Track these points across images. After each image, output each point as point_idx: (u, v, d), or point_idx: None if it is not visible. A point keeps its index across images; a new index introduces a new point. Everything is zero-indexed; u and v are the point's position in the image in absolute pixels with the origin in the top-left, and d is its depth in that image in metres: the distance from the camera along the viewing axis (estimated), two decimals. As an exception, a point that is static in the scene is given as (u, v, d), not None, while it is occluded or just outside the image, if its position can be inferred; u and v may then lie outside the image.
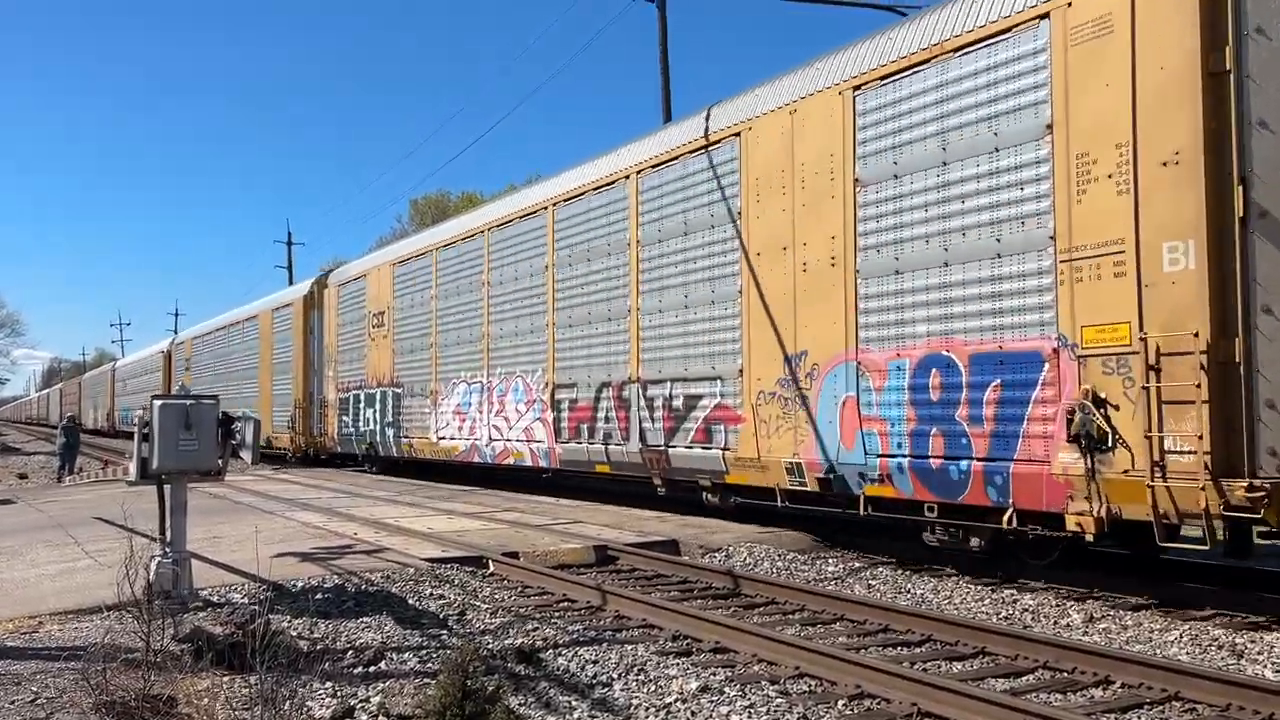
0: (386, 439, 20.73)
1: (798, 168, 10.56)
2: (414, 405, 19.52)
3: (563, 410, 14.65)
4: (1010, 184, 8.38)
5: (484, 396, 16.91)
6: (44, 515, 14.65)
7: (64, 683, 5.63)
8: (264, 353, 29.30)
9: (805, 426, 10.34)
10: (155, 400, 7.70)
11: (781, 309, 10.70)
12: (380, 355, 21.20)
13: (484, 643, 6.69)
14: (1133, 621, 7.42)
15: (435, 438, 18.57)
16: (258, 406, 29.11)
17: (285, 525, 12.44)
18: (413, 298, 20.07)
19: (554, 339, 14.97)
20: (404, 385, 20.00)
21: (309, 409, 25.56)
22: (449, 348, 18.35)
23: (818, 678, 5.90)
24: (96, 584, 8.13)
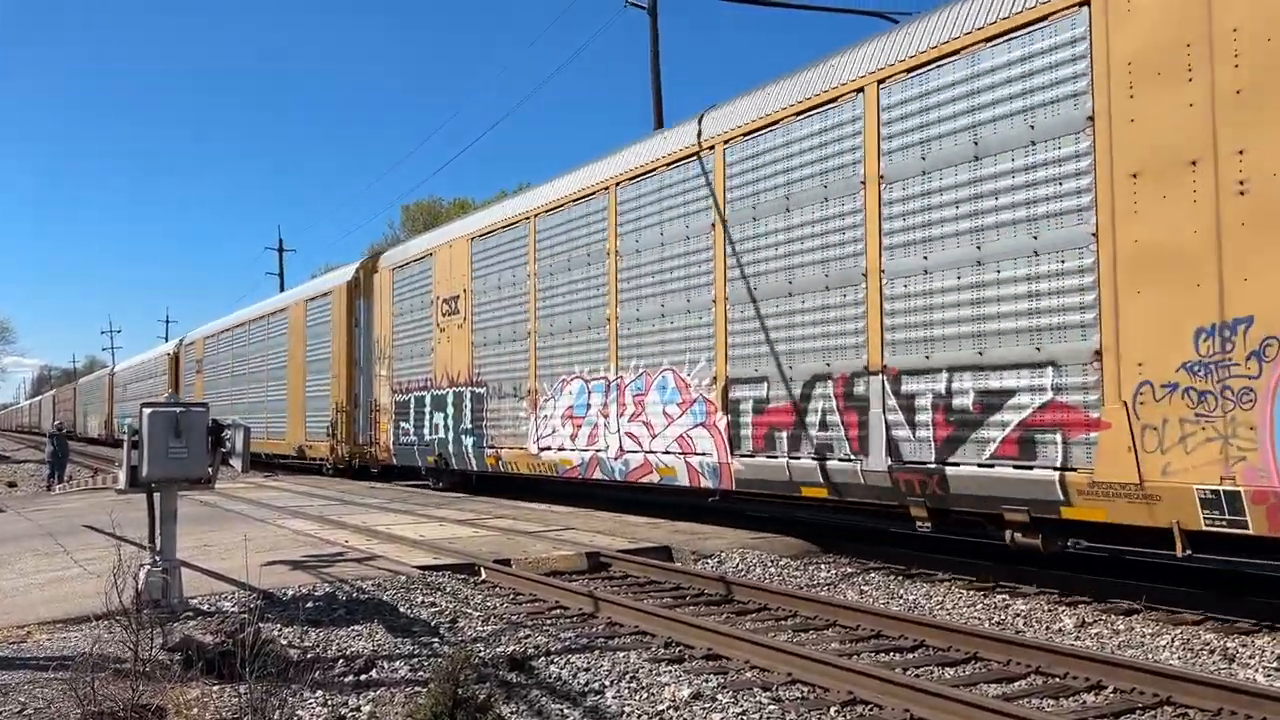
0: (463, 449, 17.44)
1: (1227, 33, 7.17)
2: (503, 409, 16.25)
3: (743, 413, 11.32)
4: None
5: (611, 396, 13.52)
6: (33, 524, 14.57)
7: (52, 693, 5.59)
8: (295, 350, 26.03)
9: (1248, 435, 6.93)
10: (145, 408, 7.66)
11: (1189, 257, 7.27)
12: (454, 348, 17.91)
13: (476, 650, 6.65)
14: (1124, 626, 7.43)
15: (535, 448, 15.17)
16: (287, 411, 26.58)
17: (276, 533, 12.39)
18: (499, 277, 16.61)
19: (725, 319, 11.58)
20: (488, 384, 16.70)
21: (353, 413, 22.34)
22: (555, 336, 14.98)
23: (810, 684, 5.89)
24: (85, 593, 8.09)
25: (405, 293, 20.15)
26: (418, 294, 19.59)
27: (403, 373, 20.05)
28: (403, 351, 20.10)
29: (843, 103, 10.29)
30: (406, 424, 19.75)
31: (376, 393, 21.29)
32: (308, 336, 25.01)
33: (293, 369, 26.21)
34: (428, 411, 18.86)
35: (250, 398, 30.07)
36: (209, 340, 35.76)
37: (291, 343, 26.36)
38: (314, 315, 24.76)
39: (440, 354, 18.48)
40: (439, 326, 18.56)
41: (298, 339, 25.82)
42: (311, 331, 24.77)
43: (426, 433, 18.86)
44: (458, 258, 18.07)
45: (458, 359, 17.84)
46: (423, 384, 19.19)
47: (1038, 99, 8.45)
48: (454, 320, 18.01)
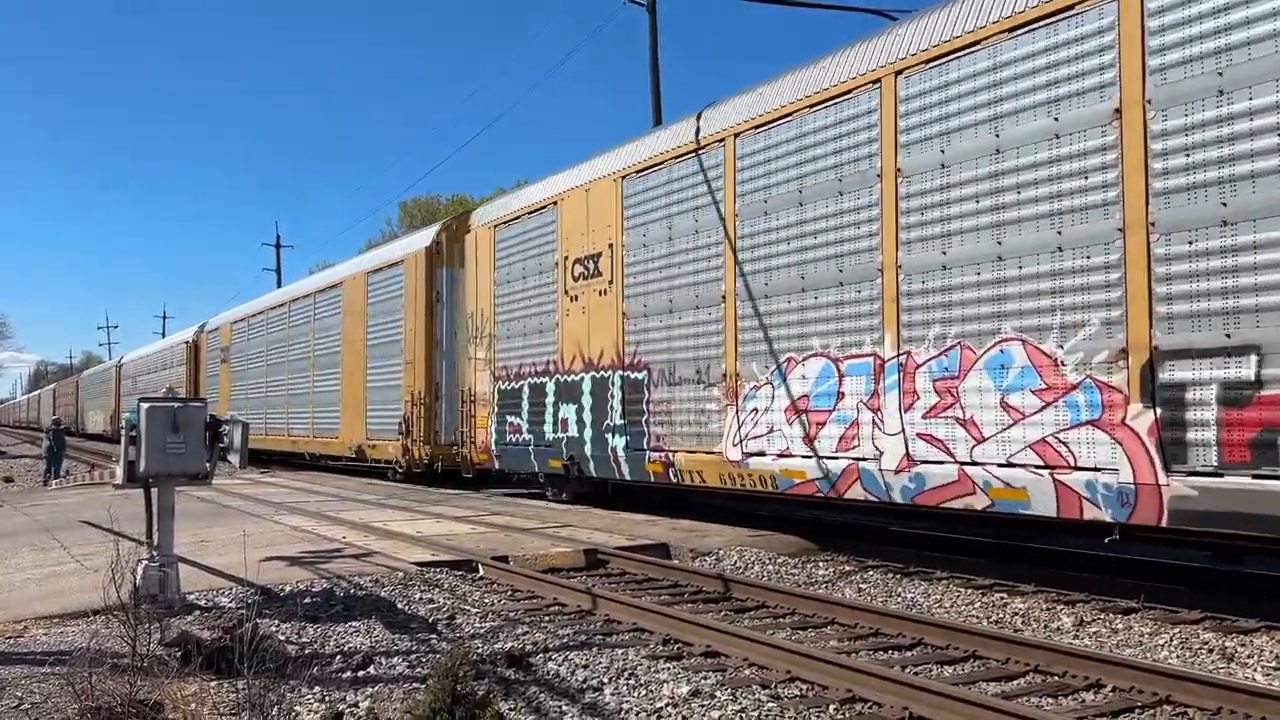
0: (606, 452, 13.66)
1: None
2: (676, 400, 12.52)
3: (1193, 406, 7.43)
4: None
5: (885, 381, 9.73)
6: (30, 519, 14.55)
7: (49, 688, 5.58)
8: (351, 332, 22.32)
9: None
10: (142, 403, 7.65)
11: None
12: (592, 321, 14.14)
13: (474, 647, 6.64)
14: (1123, 625, 7.43)
15: (736, 452, 11.49)
16: (339, 405, 22.85)
17: (274, 529, 12.37)
18: (668, 225, 12.78)
19: (1148, 253, 7.72)
20: (650, 367, 12.97)
21: (433, 406, 18.66)
22: (772, 300, 11.15)
23: (809, 682, 5.89)
24: (82, 588, 8.07)
25: (513, 254, 16.33)
26: (533, 254, 15.74)
27: (510, 354, 16.25)
28: (511, 328, 16.26)
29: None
30: (516, 418, 15.91)
31: (469, 380, 17.51)
32: (369, 316, 21.36)
33: (349, 355, 22.51)
34: (550, 403, 14.99)
35: (290, 390, 26.41)
36: (237, 325, 31.76)
37: (347, 324, 22.63)
38: (378, 290, 21.17)
39: (570, 329, 14.67)
40: (568, 294, 14.74)
41: (355, 319, 22.09)
42: (375, 310, 21.21)
43: (548, 430, 15.05)
44: (598, 205, 14.12)
45: (599, 335, 14.00)
46: (542, 368, 15.35)
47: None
48: (592, 286, 14.15)
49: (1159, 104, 7.71)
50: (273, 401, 27.69)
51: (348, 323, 22.70)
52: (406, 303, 19.65)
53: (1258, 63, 7.16)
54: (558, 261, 15.12)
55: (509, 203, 17.23)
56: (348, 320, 22.70)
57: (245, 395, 30.14)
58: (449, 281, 18.82)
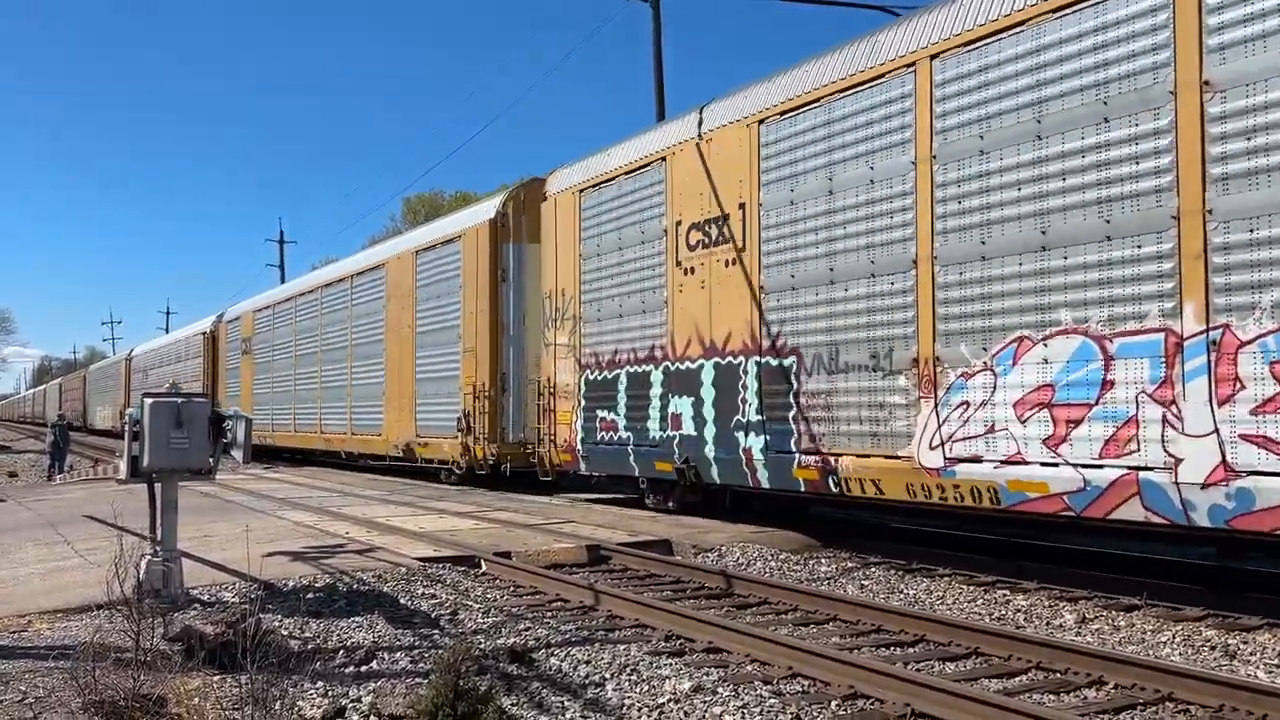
0: (737, 454, 11.41)
1: None
2: (840, 390, 10.20)
3: None
4: None
5: (1180, 365, 7.51)
6: (33, 513, 14.57)
7: (53, 682, 5.59)
8: (397, 317, 20.12)
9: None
10: (146, 398, 7.66)
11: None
12: (713, 298, 11.90)
13: (476, 642, 6.65)
14: (1125, 622, 7.43)
15: (935, 457, 9.23)
16: (382, 398, 20.66)
17: (277, 524, 12.39)
18: (825, 177, 10.45)
19: None
20: (801, 351, 10.67)
21: (499, 400, 16.46)
22: (992, 264, 8.83)
23: (811, 678, 5.89)
24: (86, 583, 8.09)
25: (605, 222, 14.01)
26: (632, 221, 13.43)
27: (602, 339, 13.96)
28: (602, 309, 13.99)
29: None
30: (609, 413, 13.63)
31: (546, 370, 15.27)
32: (419, 299, 19.26)
33: (394, 343, 20.26)
34: (656, 395, 12.80)
35: (324, 382, 24.09)
36: (261, 314, 29.42)
37: (392, 309, 20.42)
38: (430, 270, 19.02)
39: (683, 308, 12.40)
40: (680, 266, 12.50)
41: (402, 303, 19.90)
42: (426, 292, 19.07)
43: (653, 427, 12.83)
44: (724, 158, 11.83)
45: (725, 314, 11.74)
46: (645, 354, 13.10)
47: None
48: (715, 256, 11.90)
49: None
50: (303, 395, 25.56)
51: (393, 307, 20.35)
52: (465, 283, 17.46)
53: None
54: (666, 228, 12.76)
55: (598, 163, 14.50)
56: (393, 305, 20.36)
57: (270, 389, 28.10)
58: (516, 258, 16.56)
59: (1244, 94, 7.23)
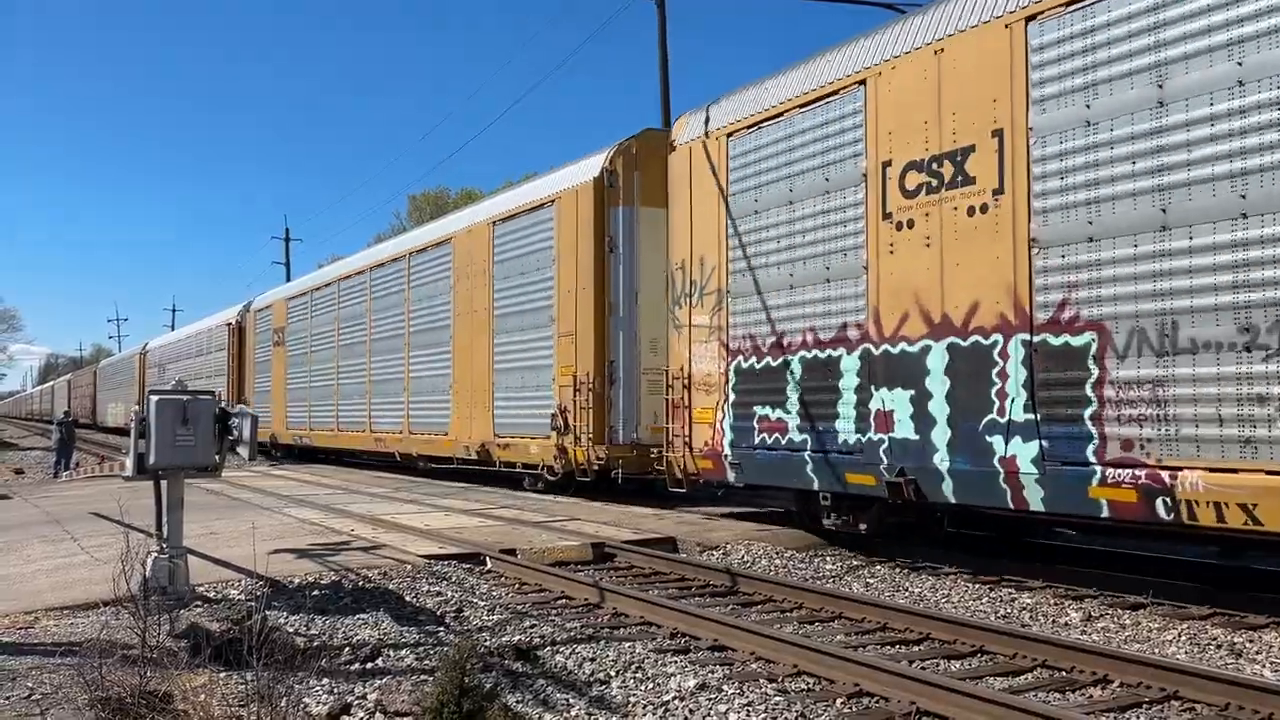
0: (990, 464, 8.67)
1: None
2: (1185, 378, 7.45)
3: None
4: None
5: None
6: (40, 510, 14.62)
7: (60, 679, 5.61)
8: (469, 298, 17.49)
9: None
10: (152, 395, 7.68)
11: None
12: (946, 258, 9.16)
13: (481, 640, 6.67)
14: (1131, 620, 7.41)
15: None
16: (449, 392, 18.04)
17: (282, 521, 12.42)
18: (1155, 82, 7.67)
19: None
20: (1105, 325, 7.98)
21: (604, 392, 13.93)
22: None
23: (816, 676, 5.89)
24: (92, 580, 8.12)
25: (764, 171, 11.11)
26: (812, 167, 10.53)
27: (760, 318, 11.08)
28: (763, 279, 11.07)
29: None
30: (775, 410, 10.83)
31: (677, 357, 12.36)
32: (496, 277, 16.71)
33: (463, 328, 17.70)
34: (852, 387, 9.97)
35: (374, 375, 21.53)
36: (295, 302, 26.83)
37: (462, 289, 17.83)
38: (512, 242, 16.45)
39: (894, 273, 9.66)
40: (890, 220, 9.70)
41: (475, 282, 17.36)
42: (506, 268, 16.48)
43: (847, 428, 9.99)
44: (965, 73, 9.08)
45: (968, 277, 8.96)
46: (833, 334, 10.20)
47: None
48: (948, 203, 9.16)
49: None
50: (348, 390, 22.90)
51: (462, 287, 17.81)
52: (559, 256, 14.98)
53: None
54: (866, 172, 9.97)
55: (754, 98, 11.56)
56: (462, 284, 17.82)
57: (308, 383, 25.47)
58: (627, 224, 14.11)
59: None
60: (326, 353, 24.27)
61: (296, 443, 26.73)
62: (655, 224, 13.70)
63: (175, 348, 41.61)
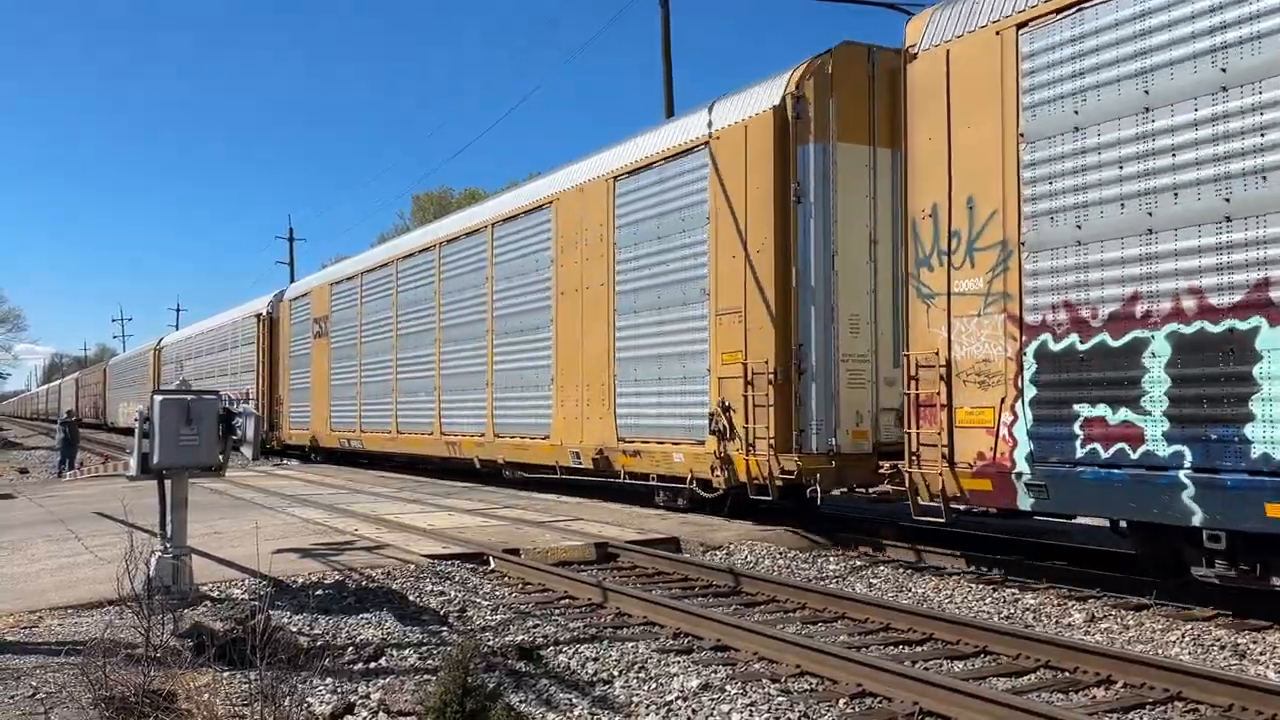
0: None
1: None
2: None
3: None
4: None
5: None
6: (44, 510, 14.65)
7: (64, 677, 5.62)
8: (574, 273, 14.53)
9: None
10: (156, 395, 7.69)
11: None
12: None
13: (484, 640, 6.67)
14: (1134, 621, 7.41)
15: None
16: (549, 388, 15.08)
17: (286, 521, 12.43)
18: None
19: None
20: None
21: (791, 385, 10.98)
22: None
23: (819, 676, 5.89)
24: (96, 579, 8.14)
25: (1092, 70, 7.90)
26: (1187, 55, 7.25)
27: (1077, 278, 8.02)
28: (1093, 221, 7.87)
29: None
30: (1114, 410, 7.65)
31: (924, 338, 9.20)
32: (620, 244, 13.68)
33: (569, 310, 14.72)
34: (1275, 375, 6.76)
35: (445, 367, 18.50)
36: (341, 287, 23.89)
37: (567, 263, 14.77)
38: (642, 199, 13.33)
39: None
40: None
41: (587, 252, 14.30)
42: (634, 232, 13.41)
43: (1261, 437, 6.78)
44: None
45: None
46: (1236, 299, 6.98)
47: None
48: None
49: None
50: (410, 386, 19.98)
51: (568, 260, 14.79)
52: (717, 213, 11.92)
53: None
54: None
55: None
56: (568, 257, 14.79)
57: (358, 377, 22.57)
58: (819, 166, 10.97)
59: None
60: (382, 343, 21.37)
61: (343, 447, 23.57)
62: (856, 165, 11.13)
63: (194, 343, 38.86)
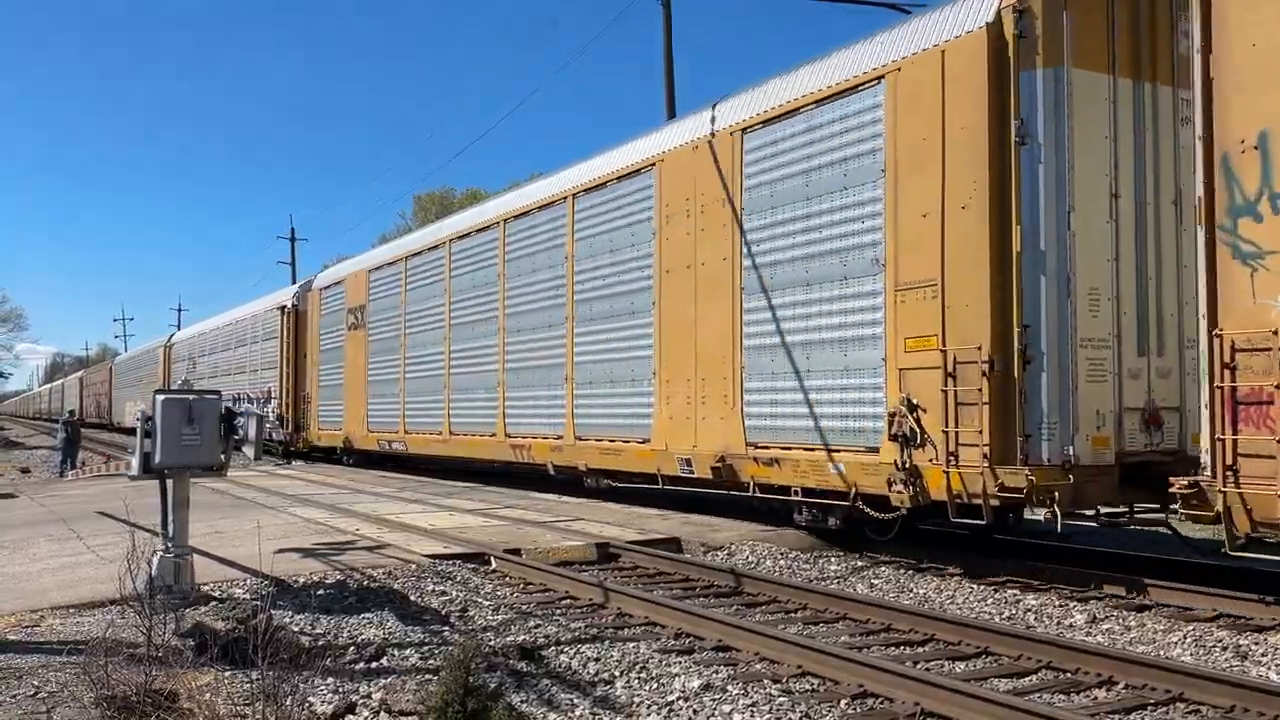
0: None
1: None
2: None
3: None
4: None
5: None
6: (46, 509, 14.66)
7: (65, 677, 5.63)
8: (685, 247, 12.33)
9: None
10: (158, 395, 7.70)
11: None
12: None
13: (486, 640, 6.68)
14: (1136, 622, 7.40)
15: None
16: (649, 378, 12.87)
17: (287, 521, 12.44)
18: None
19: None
20: None
21: (1012, 379, 8.65)
22: None
23: (820, 677, 5.89)
24: (98, 578, 8.14)
25: None
26: None
27: None
28: None
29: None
30: None
31: (1245, 313, 6.71)
32: (749, 209, 11.38)
33: (679, 289, 12.40)
34: None
35: (509, 359, 16.21)
36: (381, 274, 21.68)
37: (674, 234, 12.53)
38: (780, 154, 11.01)
39: None
40: None
41: (702, 221, 12.09)
42: (768, 194, 11.11)
43: None
44: None
45: None
46: None
47: None
48: None
49: None
50: (465, 382, 17.73)
51: (675, 231, 12.52)
52: (897, 162, 9.59)
53: None
54: None
55: None
56: (675, 227, 12.53)
57: (401, 372, 20.32)
58: (1050, 98, 8.73)
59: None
60: (431, 334, 19.08)
61: (384, 449, 21.18)
62: (1095, 99, 8.85)
63: (208, 339, 36.45)
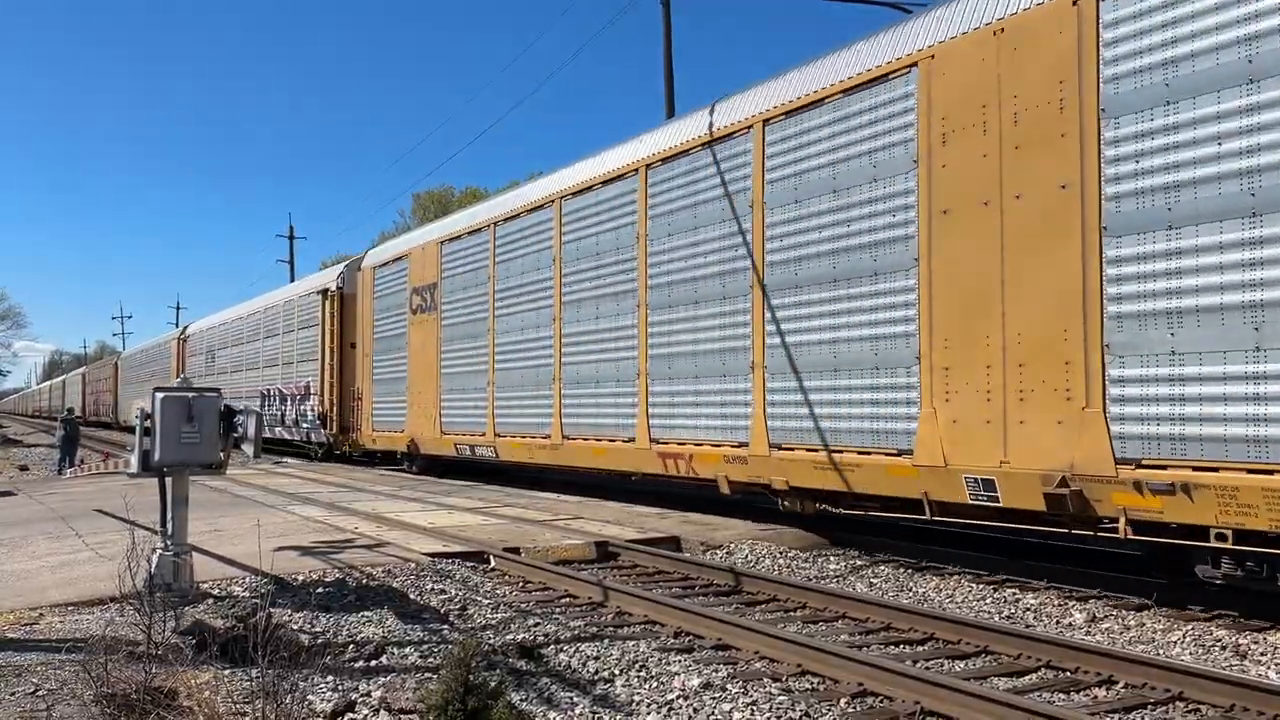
0: None
1: None
2: None
3: None
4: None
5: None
6: (44, 507, 14.64)
7: (65, 675, 5.62)
8: (973, 182, 8.57)
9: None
10: (157, 393, 7.69)
11: None
12: None
13: (485, 638, 6.68)
14: (1135, 621, 7.40)
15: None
16: (915, 362, 9.12)
17: (286, 519, 12.43)
18: None
19: None
20: None
21: None
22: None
23: (820, 675, 5.89)
24: (97, 576, 8.13)
25: None
26: None
27: None
28: None
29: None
30: None
31: None
32: (1109, 105, 7.56)
33: (960, 240, 8.71)
34: None
35: (654, 340, 12.75)
36: (455, 245, 18.18)
37: (955, 160, 8.77)
38: (1148, 27, 7.30)
39: None
40: None
41: (1025, 138, 8.14)
42: (1131, 86, 7.41)
43: None
44: None
45: None
46: None
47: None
48: None
49: None
50: (582, 373, 14.28)
51: (952, 156, 8.88)
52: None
53: None
54: None
55: None
56: (953, 150, 8.88)
57: (489, 362, 16.77)
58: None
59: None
60: (531, 314, 15.53)
61: (462, 455, 17.74)
62: None
63: (230, 329, 32.71)
